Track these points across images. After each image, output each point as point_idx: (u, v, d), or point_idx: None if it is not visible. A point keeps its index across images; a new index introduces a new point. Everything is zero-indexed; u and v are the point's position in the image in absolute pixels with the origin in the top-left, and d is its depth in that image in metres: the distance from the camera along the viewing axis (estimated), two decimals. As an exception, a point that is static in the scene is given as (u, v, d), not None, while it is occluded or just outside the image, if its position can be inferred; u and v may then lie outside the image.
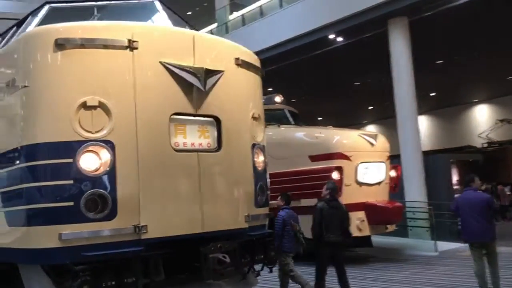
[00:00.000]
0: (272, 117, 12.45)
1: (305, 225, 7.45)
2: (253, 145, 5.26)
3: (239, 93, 5.12)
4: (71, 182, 4.01)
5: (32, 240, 4.08)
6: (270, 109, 12.68)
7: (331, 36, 16.12)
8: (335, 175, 9.87)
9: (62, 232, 3.96)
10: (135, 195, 4.19)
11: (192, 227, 4.48)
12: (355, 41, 16.40)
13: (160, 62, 4.43)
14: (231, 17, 20.37)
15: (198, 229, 4.51)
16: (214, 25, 22.02)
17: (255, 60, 5.56)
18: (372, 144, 10.47)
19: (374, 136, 10.63)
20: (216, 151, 4.81)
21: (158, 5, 5.21)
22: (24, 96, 4.18)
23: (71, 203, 3.99)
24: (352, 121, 35.08)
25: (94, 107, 4.14)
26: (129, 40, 4.29)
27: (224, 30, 20.28)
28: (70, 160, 4.02)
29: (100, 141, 4.12)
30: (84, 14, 4.98)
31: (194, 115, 4.67)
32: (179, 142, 4.58)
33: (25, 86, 4.18)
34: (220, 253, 4.44)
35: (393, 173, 11.24)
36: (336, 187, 7.61)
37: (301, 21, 16.43)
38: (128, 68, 4.28)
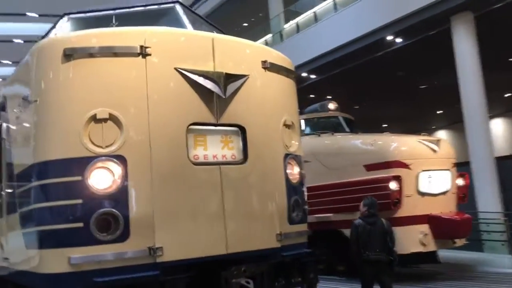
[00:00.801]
0: (326, 125, 11.88)
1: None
2: (286, 156, 4.76)
3: (268, 98, 4.67)
4: (80, 201, 3.73)
5: (43, 264, 3.85)
6: (324, 117, 12.17)
7: (390, 38, 15.24)
8: (393, 185, 9.08)
9: (71, 255, 3.68)
10: (149, 214, 3.84)
11: (214, 249, 4.06)
12: (416, 41, 15.41)
13: (176, 68, 4.08)
14: (285, 25, 19.96)
15: (221, 250, 4.07)
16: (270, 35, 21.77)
17: (287, 63, 5.08)
18: (434, 151, 9.55)
19: (437, 142, 9.69)
20: (242, 163, 4.37)
21: (179, 9, 4.89)
22: (35, 111, 3.99)
23: (81, 224, 3.71)
24: (420, 127, 33.33)
25: (104, 120, 3.86)
26: (141, 46, 3.98)
27: (279, 38, 19.91)
28: (79, 178, 3.74)
29: (111, 156, 3.82)
30: (104, 23, 4.75)
31: (215, 125, 4.27)
32: (199, 154, 4.19)
33: (35, 101, 3.98)
34: (244, 277, 3.98)
35: (460, 182, 10.22)
36: (375, 203, 7.09)
37: (357, 24, 15.71)
38: (140, 76, 3.97)
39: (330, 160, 10.40)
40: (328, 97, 23.62)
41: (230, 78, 4.25)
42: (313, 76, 18.66)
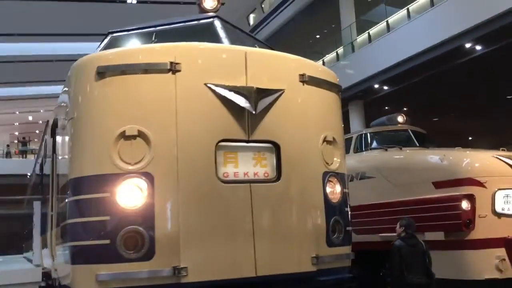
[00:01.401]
0: (394, 139, 11.28)
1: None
2: (325, 173, 4.50)
3: (306, 113, 4.46)
4: (107, 218, 3.75)
5: (76, 280, 3.91)
6: (392, 130, 11.58)
7: (468, 45, 14.28)
8: (464, 205, 8.35)
9: (98, 272, 3.70)
10: (175, 233, 3.77)
11: (242, 270, 3.89)
12: (498, 48, 14.31)
13: (205, 84, 4.01)
14: (357, 36, 19.46)
15: (249, 272, 3.90)
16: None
17: (329, 76, 4.84)
18: (513, 167, 8.71)
19: (515, 158, 8.84)
20: (274, 181, 4.18)
21: (217, 24, 4.84)
22: (72, 127, 4.10)
23: (107, 241, 3.72)
24: (510, 141, 31.02)
25: (134, 137, 3.87)
26: (171, 63, 3.96)
27: (350, 49, 19.45)
28: (107, 195, 3.77)
29: (139, 173, 3.81)
30: (145, 40, 4.83)
31: (247, 141, 4.13)
32: (229, 172, 4.07)
33: (71, 118, 4.10)
34: None
35: (544, 202, 9.21)
36: (412, 224, 7.02)
37: (431, 32, 14.91)
38: (170, 92, 3.95)
39: (396, 176, 9.82)
40: (404, 109, 22.76)
41: (262, 93, 4.10)
42: (386, 88, 17.95)
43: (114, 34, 5.04)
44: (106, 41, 4.97)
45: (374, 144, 11.28)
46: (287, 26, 25.42)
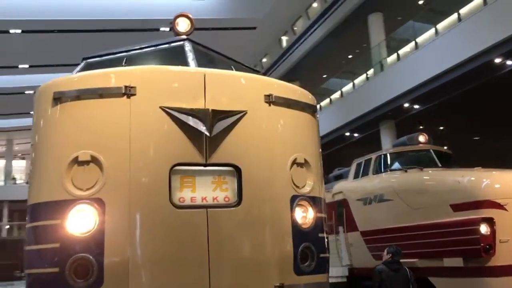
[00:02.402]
0: (415, 160, 10.81)
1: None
2: (294, 197, 4.29)
3: (271, 135, 4.28)
4: (57, 245, 3.69)
5: None
6: (413, 151, 11.13)
7: (498, 60, 13.63)
8: (483, 229, 7.82)
9: None
10: (124, 261, 3.66)
11: (197, 301, 3.72)
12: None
13: (161, 107, 3.94)
14: (387, 56, 19.06)
15: (204, 303, 3.73)
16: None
17: (300, 96, 4.66)
18: (536, 189, 8.10)
19: (540, 178, 8.21)
20: (235, 206, 4.01)
21: (187, 46, 4.79)
22: (32, 154, 4.12)
23: (57, 269, 3.66)
24: None
25: (87, 162, 3.82)
26: (126, 87, 3.92)
27: (379, 69, 19.06)
28: (58, 221, 3.72)
29: (90, 199, 3.75)
30: (117, 65, 4.83)
31: (205, 165, 4.00)
32: (185, 197, 3.94)
33: (32, 144, 4.13)
34: None
35: None
36: (399, 252, 7.24)
37: (459, 48, 14.37)
38: (124, 117, 3.89)
39: (413, 198, 9.38)
40: (440, 128, 21.95)
41: (219, 115, 3.97)
42: (416, 106, 17.38)
43: (89, 60, 5.10)
44: (80, 66, 5.03)
45: (394, 165, 10.86)
46: (318, 48, 25.30)
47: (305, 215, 4.37)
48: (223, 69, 4.63)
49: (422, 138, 11.16)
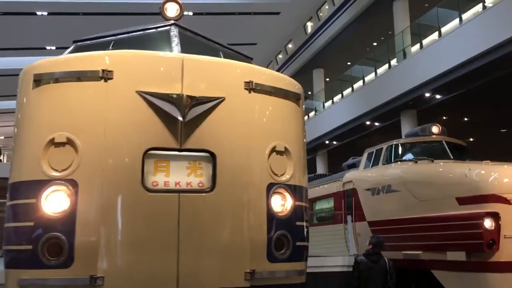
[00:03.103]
0: (427, 151, 10.60)
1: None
2: (271, 185, 4.28)
3: (250, 122, 4.27)
4: (31, 224, 3.80)
5: (6, 284, 3.99)
6: (424, 142, 10.90)
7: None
8: (487, 223, 7.63)
9: (20, 277, 3.76)
10: (95, 242, 3.75)
11: (162, 284, 3.77)
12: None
13: (137, 92, 3.97)
14: (409, 40, 18.57)
15: (170, 286, 3.78)
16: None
17: (283, 83, 4.62)
18: (546, 184, 7.82)
19: (550, 173, 7.92)
20: (208, 191, 4.04)
21: (173, 31, 4.79)
22: (14, 134, 4.23)
23: (30, 247, 3.77)
24: None
25: (63, 144, 3.90)
26: (103, 70, 3.97)
27: (402, 57, 18.62)
28: (34, 201, 3.83)
29: (64, 180, 3.84)
30: (105, 48, 4.88)
31: (179, 150, 4.03)
32: (158, 181, 3.98)
33: (14, 124, 4.23)
34: None
35: None
36: (381, 243, 7.56)
37: (483, 36, 13.89)
38: (101, 100, 3.95)
39: (420, 190, 9.20)
40: (464, 119, 21.38)
41: (194, 101, 3.98)
42: (438, 96, 16.95)
43: (78, 43, 5.17)
44: (70, 49, 5.11)
45: (405, 156, 10.68)
46: (343, 34, 24.94)
47: (282, 203, 4.36)
48: (211, 55, 4.62)
49: (435, 129, 10.89)
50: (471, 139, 25.08)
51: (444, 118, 20.77)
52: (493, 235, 7.58)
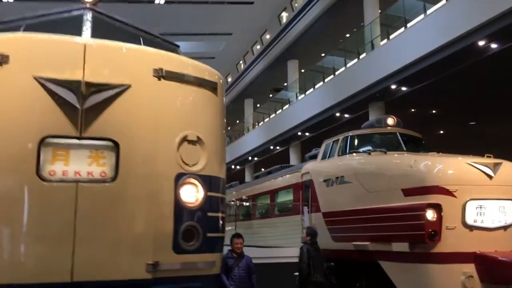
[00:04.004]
0: (381, 142, 10.63)
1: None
2: (180, 175, 4.19)
3: (158, 110, 4.16)
4: None
5: None
6: (379, 133, 10.93)
7: (482, 42, 13.18)
8: (429, 215, 7.67)
9: None
10: (-18, 231, 3.62)
11: (56, 275, 3.67)
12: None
13: (34, 78, 3.83)
14: (378, 31, 18.54)
15: (64, 277, 3.67)
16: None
17: (199, 72, 4.51)
18: (489, 176, 7.87)
19: (493, 165, 7.95)
20: (110, 181, 3.93)
21: (87, 16, 4.65)
22: None
23: None
24: None
25: None
26: (-1, 55, 3.81)
27: (370, 47, 18.62)
28: None
29: (-44, 168, 3.70)
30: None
31: (79, 138, 3.91)
32: (56, 170, 3.85)
33: None
34: None
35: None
36: (316, 233, 8.36)
37: (445, 28, 13.90)
38: (-5, 86, 3.80)
39: (370, 182, 9.23)
40: (433, 111, 21.53)
41: (95, 87, 3.86)
42: (404, 88, 17.00)
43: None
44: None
45: (360, 147, 10.68)
46: (316, 25, 24.83)
47: (193, 194, 4.27)
48: (129, 41, 4.48)
49: (390, 120, 10.93)
50: (441, 132, 25.35)
51: (413, 110, 20.91)
52: (435, 227, 7.63)
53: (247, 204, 16.63)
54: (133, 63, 4.16)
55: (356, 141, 10.80)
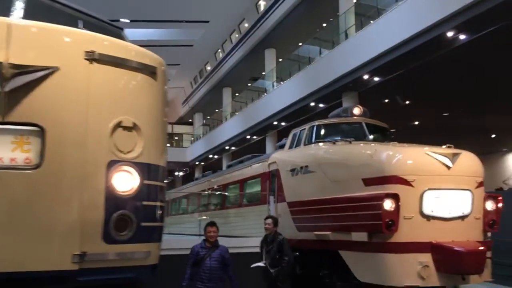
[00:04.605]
0: (347, 132, 10.59)
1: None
2: (113, 162, 4.04)
3: (91, 95, 4.00)
4: None
5: None
6: (345, 123, 10.89)
7: (450, 33, 13.20)
8: (387, 205, 7.65)
9: None
10: None
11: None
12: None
13: (-48, 59, 3.64)
14: (352, 21, 18.48)
15: (-21, 270, 3.52)
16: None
17: (136, 55, 4.35)
18: (447, 166, 7.88)
19: (452, 156, 7.97)
20: (34, 168, 3.77)
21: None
22: None
23: None
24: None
25: None
26: None
27: (344, 37, 18.56)
28: None
29: None
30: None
31: (2, 123, 3.73)
32: (-24, 156, 3.69)
33: None
34: None
35: (490, 206, 8.34)
36: (277, 220, 8.54)
37: (415, 18, 13.88)
38: None
39: (332, 171, 9.20)
40: (406, 102, 21.62)
41: (19, 69, 3.68)
42: (376, 78, 17.00)
43: None
44: None
45: (326, 137, 10.63)
46: (293, 13, 24.68)
47: (127, 182, 4.13)
48: (67, 24, 4.29)
49: (356, 110, 10.89)
50: (416, 123, 25.53)
51: (386, 100, 20.97)
52: (392, 216, 7.61)
53: (218, 193, 16.54)
54: (62, 45, 3.99)
55: (322, 131, 10.75)
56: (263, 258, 8.22)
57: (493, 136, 30.28)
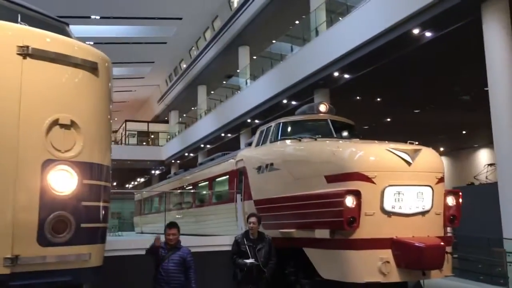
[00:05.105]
0: (313, 129, 10.57)
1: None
2: (49, 162, 3.90)
3: (25, 92, 3.85)
4: None
5: None
6: (311, 120, 10.86)
7: (416, 31, 13.28)
8: (348, 202, 7.64)
9: None
10: None
11: None
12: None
13: None
14: (324, 18, 18.46)
15: None
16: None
17: (74, 51, 4.21)
18: (408, 163, 7.90)
19: (412, 152, 7.99)
20: (-41, 170, 3.61)
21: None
22: None
23: None
24: None
25: None
26: None
27: (315, 34, 18.55)
28: None
29: None
30: None
31: None
32: None
33: None
34: None
35: (450, 201, 8.41)
36: (260, 218, 8.38)
37: (384, 14, 13.92)
38: None
39: (296, 168, 9.16)
40: (377, 99, 21.77)
41: None
42: (346, 76, 17.04)
43: None
44: None
45: (292, 134, 10.58)
46: (266, 10, 24.57)
47: (65, 182, 3.99)
48: (2, 18, 4.11)
49: (322, 107, 10.86)
50: (388, 119, 25.75)
51: (358, 98, 21.08)
52: (353, 213, 7.60)
53: (188, 192, 16.38)
54: (-8, 40, 3.82)
55: (288, 128, 10.70)
56: (250, 256, 8.00)
57: (464, 132, 30.75)
